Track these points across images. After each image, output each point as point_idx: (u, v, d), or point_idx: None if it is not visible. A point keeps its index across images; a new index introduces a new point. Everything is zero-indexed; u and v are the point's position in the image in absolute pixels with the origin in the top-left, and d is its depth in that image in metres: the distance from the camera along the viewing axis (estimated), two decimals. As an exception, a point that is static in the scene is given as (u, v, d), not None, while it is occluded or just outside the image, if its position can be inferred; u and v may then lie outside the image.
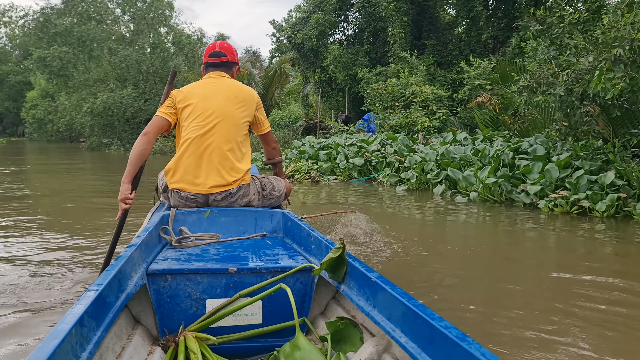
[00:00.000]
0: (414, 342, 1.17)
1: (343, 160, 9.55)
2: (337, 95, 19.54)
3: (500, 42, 16.34)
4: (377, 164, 9.07)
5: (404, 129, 11.13)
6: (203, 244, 2.05)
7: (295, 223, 2.18)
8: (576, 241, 4.46)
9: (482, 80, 12.32)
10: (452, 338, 1.02)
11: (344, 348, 1.46)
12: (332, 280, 1.61)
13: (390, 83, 12.89)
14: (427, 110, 11.57)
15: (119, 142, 24.56)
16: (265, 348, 1.60)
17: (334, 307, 1.73)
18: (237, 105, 2.53)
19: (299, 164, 9.18)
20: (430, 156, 7.79)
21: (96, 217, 5.28)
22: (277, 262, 1.78)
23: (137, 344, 1.45)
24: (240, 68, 2.85)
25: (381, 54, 18.61)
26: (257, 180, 2.60)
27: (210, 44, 2.73)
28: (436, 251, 3.93)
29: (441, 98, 12.33)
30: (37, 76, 36.77)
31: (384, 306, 1.32)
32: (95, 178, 10.67)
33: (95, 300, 1.17)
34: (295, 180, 9.02)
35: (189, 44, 25.75)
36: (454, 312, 2.55)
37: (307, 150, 10.67)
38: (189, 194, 2.41)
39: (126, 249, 1.58)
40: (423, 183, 7.66)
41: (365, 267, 1.47)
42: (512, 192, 6.13)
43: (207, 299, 1.62)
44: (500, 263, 3.75)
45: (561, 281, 3.16)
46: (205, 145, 2.43)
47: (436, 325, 1.08)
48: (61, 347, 0.94)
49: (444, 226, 5.21)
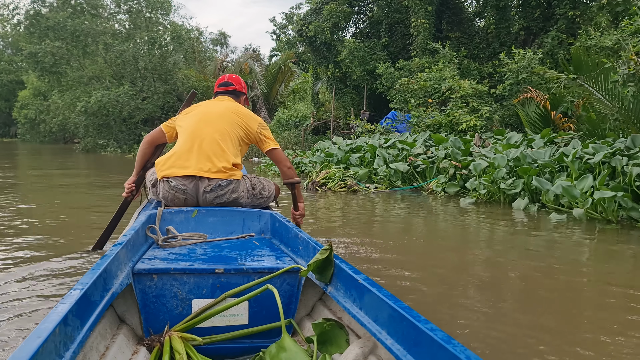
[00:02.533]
0: (399, 344, 1.16)
1: (382, 166, 8.12)
2: (351, 92, 18.11)
3: (533, 33, 14.96)
4: (426, 170, 7.65)
5: (444, 129, 9.72)
6: (190, 244, 2.03)
7: (283, 224, 2.17)
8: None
9: (526, 73, 10.93)
10: (438, 340, 1.01)
11: (329, 349, 1.45)
12: (319, 282, 1.60)
13: (422, 77, 11.47)
14: (468, 107, 10.17)
15: (116, 143, 22.98)
16: (251, 349, 1.58)
17: (321, 309, 1.72)
18: (237, 115, 2.66)
19: (332, 170, 7.73)
20: (500, 161, 6.38)
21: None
22: (264, 262, 1.76)
23: (121, 344, 1.43)
24: (248, 99, 3.01)
25: (400, 47, 17.21)
26: (248, 179, 2.62)
27: (221, 76, 2.96)
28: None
29: (481, 94, 10.94)
30: (29, 74, 35.12)
31: (371, 308, 1.31)
32: (93, 190, 9.16)
33: (80, 299, 1.15)
34: (327, 190, 7.58)
35: (189, 39, 24.22)
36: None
37: (336, 152, 9.24)
38: (179, 182, 2.41)
39: (112, 247, 1.57)
40: (493, 194, 6.26)
41: (352, 269, 1.47)
42: (631, 209, 4.73)
43: (193, 299, 1.61)
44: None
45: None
46: (198, 136, 2.51)
47: (422, 327, 1.07)
48: (44, 347, 0.93)
49: (577, 267, 3.78)
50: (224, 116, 2.60)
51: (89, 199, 6.80)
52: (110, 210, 3.83)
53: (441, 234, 4.80)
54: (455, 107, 10.08)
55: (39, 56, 21.84)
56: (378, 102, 17.31)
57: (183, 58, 24.58)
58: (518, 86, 11.12)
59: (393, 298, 1.24)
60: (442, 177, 7.19)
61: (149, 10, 24.60)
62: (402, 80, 11.75)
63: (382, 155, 8.24)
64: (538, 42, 14.33)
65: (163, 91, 23.28)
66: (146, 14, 24.51)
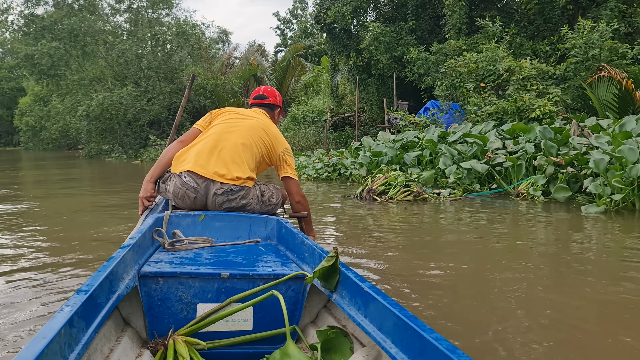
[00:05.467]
0: (404, 353, 1.12)
1: (450, 166, 6.56)
2: (376, 82, 16.50)
3: (582, 7, 13.29)
4: (511, 170, 6.07)
5: (510, 117, 8.12)
6: (196, 248, 1.98)
7: (289, 230, 2.14)
8: None
9: (597, 49, 9.31)
10: (442, 350, 0.98)
11: (333, 357, 1.42)
12: (324, 289, 1.57)
13: (471, 58, 9.86)
14: (532, 91, 8.55)
15: (121, 148, 21.47)
16: (255, 355, 1.56)
17: (325, 316, 1.69)
18: (266, 133, 2.64)
19: (392, 174, 6.16)
20: (629, 155, 4.80)
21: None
22: (270, 268, 1.74)
23: (125, 346, 1.40)
24: (283, 111, 3.00)
25: (428, 30, 15.59)
26: (258, 186, 2.59)
27: (256, 88, 2.93)
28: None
29: (544, 75, 9.33)
30: (29, 80, 33.71)
31: (376, 316, 1.28)
32: (103, 210, 7.64)
33: (85, 301, 1.13)
34: (390, 200, 6.00)
35: (194, 34, 22.66)
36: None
37: (385, 151, 7.66)
38: (192, 179, 2.39)
39: (119, 250, 1.55)
40: (626, 199, 4.69)
41: (358, 277, 1.43)
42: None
43: (198, 303, 1.58)
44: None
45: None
46: (222, 140, 2.50)
47: (427, 336, 1.04)
48: (49, 348, 0.91)
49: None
50: (253, 129, 2.61)
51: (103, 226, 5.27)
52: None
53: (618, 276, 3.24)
54: (522, 91, 8.48)
55: (36, 58, 20.35)
56: (407, 92, 15.72)
57: (189, 55, 23.05)
58: (586, 64, 9.51)
59: (398, 307, 1.19)
60: (540, 178, 5.60)
61: (150, 6, 23.11)
62: (449, 63, 10.13)
63: (449, 153, 6.67)
64: (591, 15, 12.67)
65: (169, 91, 21.75)
66: (148, 11, 23.02)
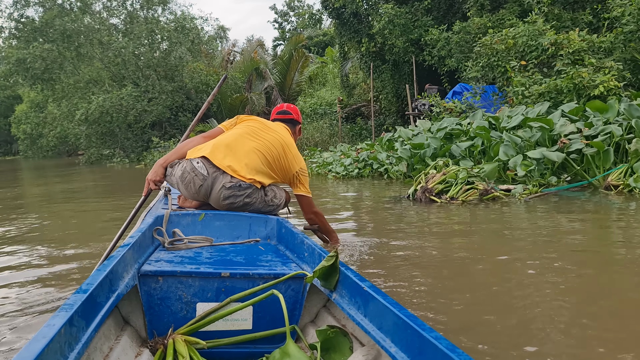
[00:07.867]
0: (404, 352, 1.13)
1: (514, 156, 5.54)
2: (390, 69, 15.44)
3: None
4: (599, 156, 5.04)
5: (567, 96, 7.10)
6: (196, 247, 1.98)
7: (289, 230, 2.14)
8: None
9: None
10: (442, 349, 0.98)
11: (333, 357, 1.42)
12: (324, 289, 1.57)
13: (508, 34, 8.81)
14: (589, 65, 7.52)
15: (122, 152, 20.47)
16: (254, 354, 1.54)
17: (325, 316, 1.68)
18: (284, 150, 2.67)
19: (452, 170, 5.14)
20: None
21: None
22: (270, 268, 1.74)
23: (125, 345, 1.40)
24: (301, 129, 3.11)
25: (444, 9, 14.52)
26: (263, 188, 2.59)
27: (279, 104, 3.10)
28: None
29: (595, 48, 8.28)
30: (24, 87, 32.65)
31: (375, 316, 1.29)
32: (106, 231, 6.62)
33: (85, 300, 1.14)
34: (452, 200, 4.98)
35: (194, 28, 21.58)
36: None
37: (428, 142, 6.65)
38: (204, 166, 2.41)
39: (119, 249, 1.55)
40: None
41: (358, 276, 1.43)
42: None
43: (197, 302, 1.57)
44: None
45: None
46: (241, 142, 2.57)
47: (426, 335, 1.04)
48: (49, 347, 0.92)
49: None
50: (274, 143, 2.64)
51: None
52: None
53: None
54: (578, 66, 7.44)
55: (28, 62, 19.33)
56: (424, 76, 14.67)
57: (188, 51, 21.97)
58: (638, 34, 8.45)
59: (398, 306, 1.20)
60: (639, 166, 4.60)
61: (145, 3, 22.03)
62: (483, 40, 9.07)
63: (512, 141, 5.65)
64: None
65: (170, 89, 20.69)
66: (143, 9, 21.96)
